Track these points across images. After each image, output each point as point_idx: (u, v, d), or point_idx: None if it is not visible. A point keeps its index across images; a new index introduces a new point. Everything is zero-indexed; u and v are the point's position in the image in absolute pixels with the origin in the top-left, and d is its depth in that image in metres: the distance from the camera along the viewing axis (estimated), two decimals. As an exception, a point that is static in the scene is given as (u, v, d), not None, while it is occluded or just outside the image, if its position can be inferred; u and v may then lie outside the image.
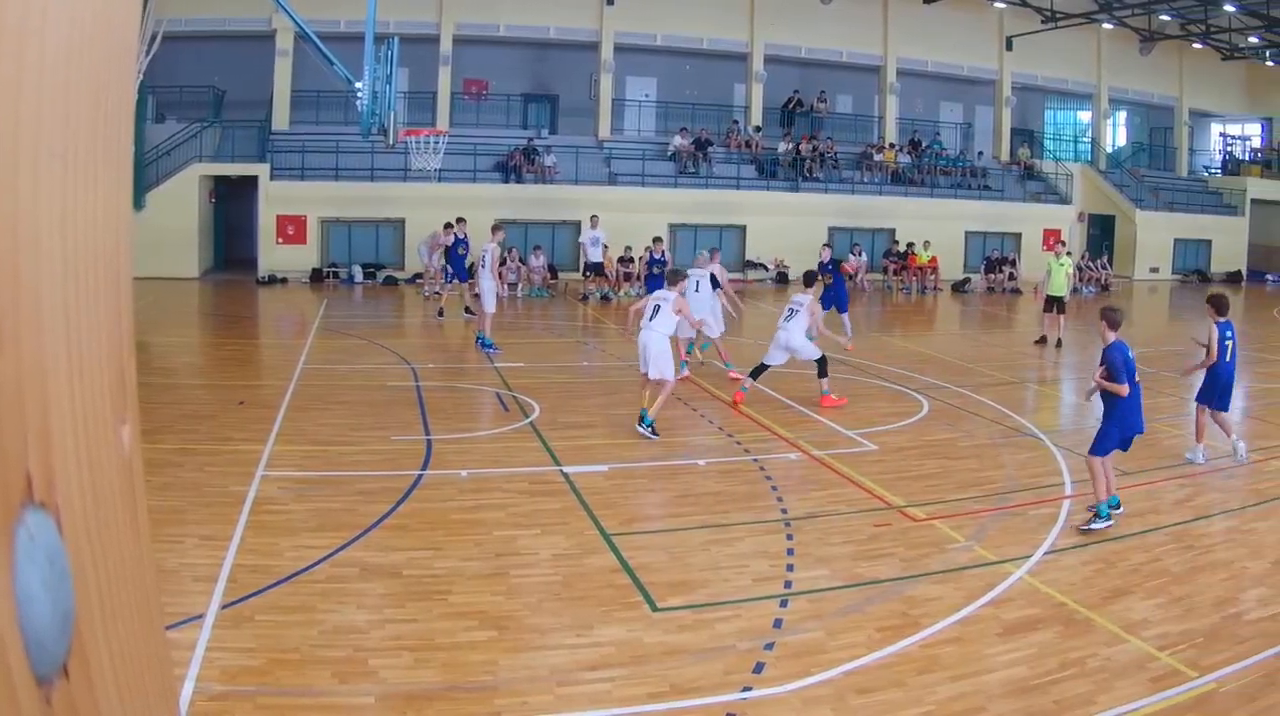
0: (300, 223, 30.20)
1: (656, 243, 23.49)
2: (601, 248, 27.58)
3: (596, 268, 27.82)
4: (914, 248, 33.29)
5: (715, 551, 8.35)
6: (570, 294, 28.80)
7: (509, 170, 32.27)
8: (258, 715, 5.55)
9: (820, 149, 35.83)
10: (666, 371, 11.97)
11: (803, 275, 15.07)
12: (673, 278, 12.89)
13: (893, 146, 37.29)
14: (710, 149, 34.87)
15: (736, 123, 36.62)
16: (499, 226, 19.25)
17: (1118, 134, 45.02)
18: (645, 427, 11.88)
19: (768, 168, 35.22)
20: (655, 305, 12.23)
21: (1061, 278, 20.52)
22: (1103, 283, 34.27)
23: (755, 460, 11.18)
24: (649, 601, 7.25)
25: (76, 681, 0.84)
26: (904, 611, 7.23)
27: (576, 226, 31.36)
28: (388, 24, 27.96)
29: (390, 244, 31.15)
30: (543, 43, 35.50)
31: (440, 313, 22.67)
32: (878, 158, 36.58)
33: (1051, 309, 20.53)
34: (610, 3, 34.76)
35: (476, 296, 18.90)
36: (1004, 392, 15.46)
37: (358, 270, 30.29)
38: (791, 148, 35.52)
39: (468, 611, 6.97)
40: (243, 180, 30.56)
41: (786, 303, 14.35)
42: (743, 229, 33.78)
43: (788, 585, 7.66)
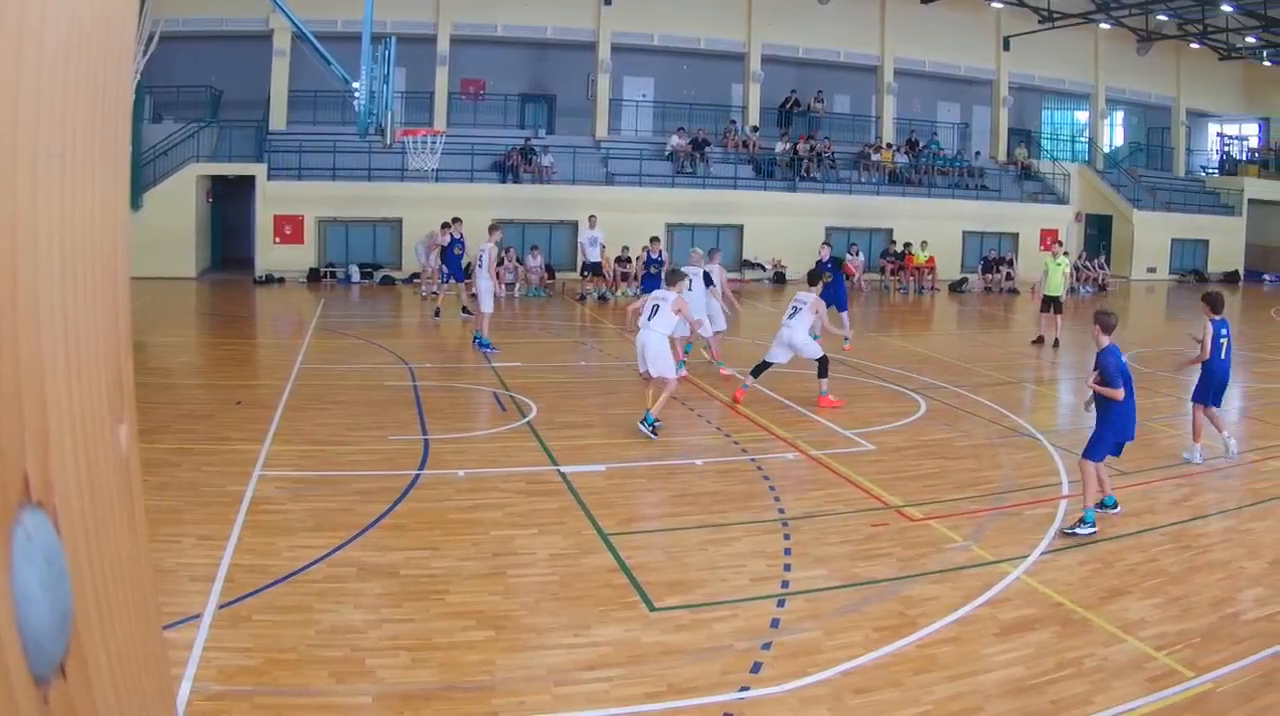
0: (297, 222, 30.18)
1: (654, 242, 23.50)
2: (600, 248, 27.58)
3: (595, 268, 27.81)
4: (911, 248, 33.30)
5: (713, 551, 8.35)
6: (568, 294, 28.80)
7: (506, 170, 32.26)
8: (255, 715, 5.54)
9: (817, 149, 35.84)
10: (666, 370, 11.96)
11: (807, 274, 15.07)
12: (672, 277, 12.85)
13: (890, 146, 37.31)
14: (707, 149, 34.88)
15: (734, 123, 36.62)
16: (496, 226, 19.24)
17: (1115, 134, 45.06)
18: (647, 427, 11.85)
19: (765, 168, 35.23)
20: (654, 305, 12.19)
21: (1058, 277, 20.55)
22: (1100, 283, 34.28)
23: (753, 460, 11.18)
24: (646, 601, 7.25)
25: (74, 681, 0.84)
26: (901, 611, 7.23)
27: (574, 226, 31.38)
28: (385, 24, 27.97)
29: (387, 244, 31.14)
30: (540, 43, 35.49)
31: (437, 312, 22.66)
32: (875, 158, 36.59)
33: (1049, 309, 20.54)
34: (608, 3, 34.76)
35: (474, 296, 18.90)
36: (1001, 392, 15.47)
37: (355, 270, 30.29)
38: (789, 148, 35.54)
39: (465, 611, 6.96)
40: (240, 180, 30.54)
41: (789, 301, 14.34)
42: (740, 229, 33.80)
43: (785, 585, 7.66)
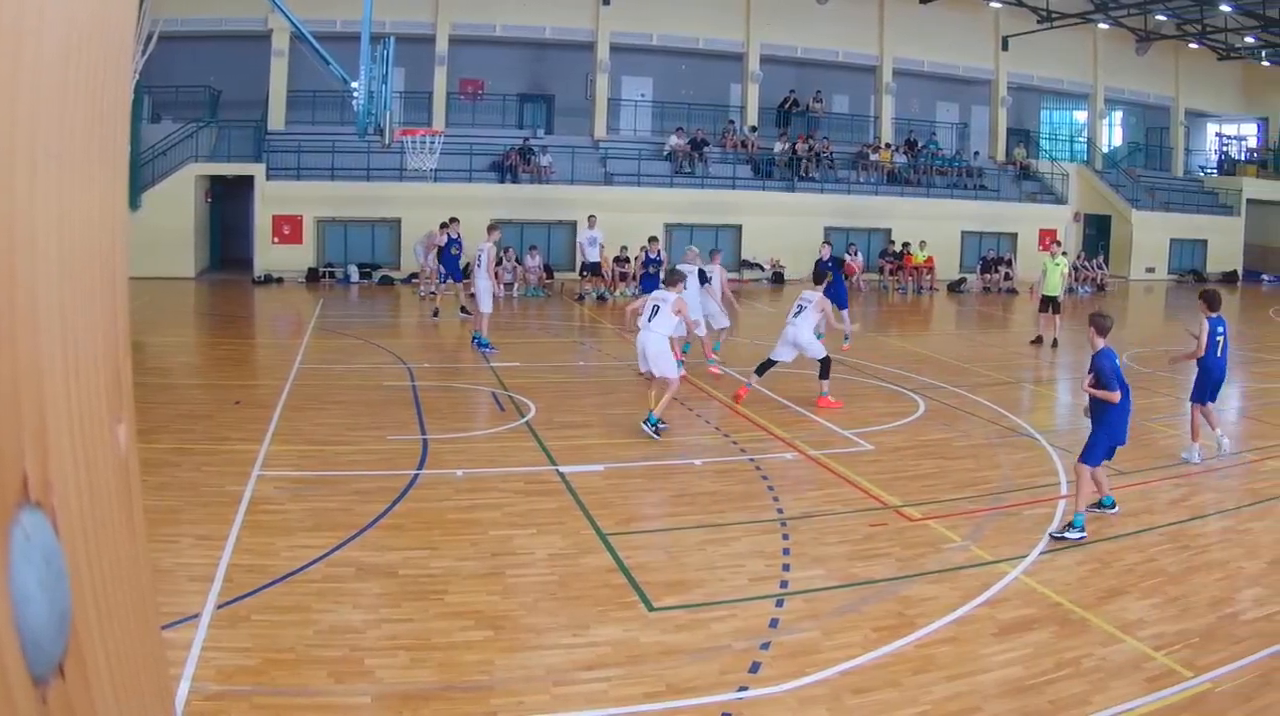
0: (296, 222, 30.17)
1: (652, 242, 23.47)
2: (599, 248, 27.56)
3: (594, 268, 27.80)
4: (910, 247, 33.31)
5: (711, 551, 8.35)
6: (566, 294, 28.80)
7: (505, 170, 32.26)
8: (253, 715, 5.54)
9: (816, 149, 35.84)
10: (667, 371, 11.94)
11: (813, 273, 15.08)
12: (671, 278, 12.81)
13: (889, 146, 37.31)
14: (706, 149, 34.87)
15: (732, 123, 36.62)
16: (494, 226, 19.23)
17: (1114, 134, 45.08)
18: (650, 427, 11.80)
19: (763, 167, 35.22)
20: (654, 306, 12.15)
21: (1057, 277, 20.56)
22: (1098, 283, 34.29)
23: (751, 460, 11.19)
24: (645, 601, 7.25)
25: (73, 681, 0.84)
26: (900, 611, 7.23)
27: (572, 226, 31.37)
28: (384, 24, 27.96)
29: (386, 244, 31.13)
30: (539, 43, 35.49)
31: (436, 313, 22.65)
32: (874, 157, 36.59)
33: (1047, 309, 20.55)
34: (606, 3, 34.75)
35: (472, 296, 18.89)
36: (1000, 392, 15.48)
37: (354, 270, 30.27)
38: (787, 147, 35.53)
39: (464, 611, 6.96)
40: (238, 180, 30.52)
41: (793, 300, 14.35)
42: (738, 229, 33.79)
43: (783, 585, 7.66)
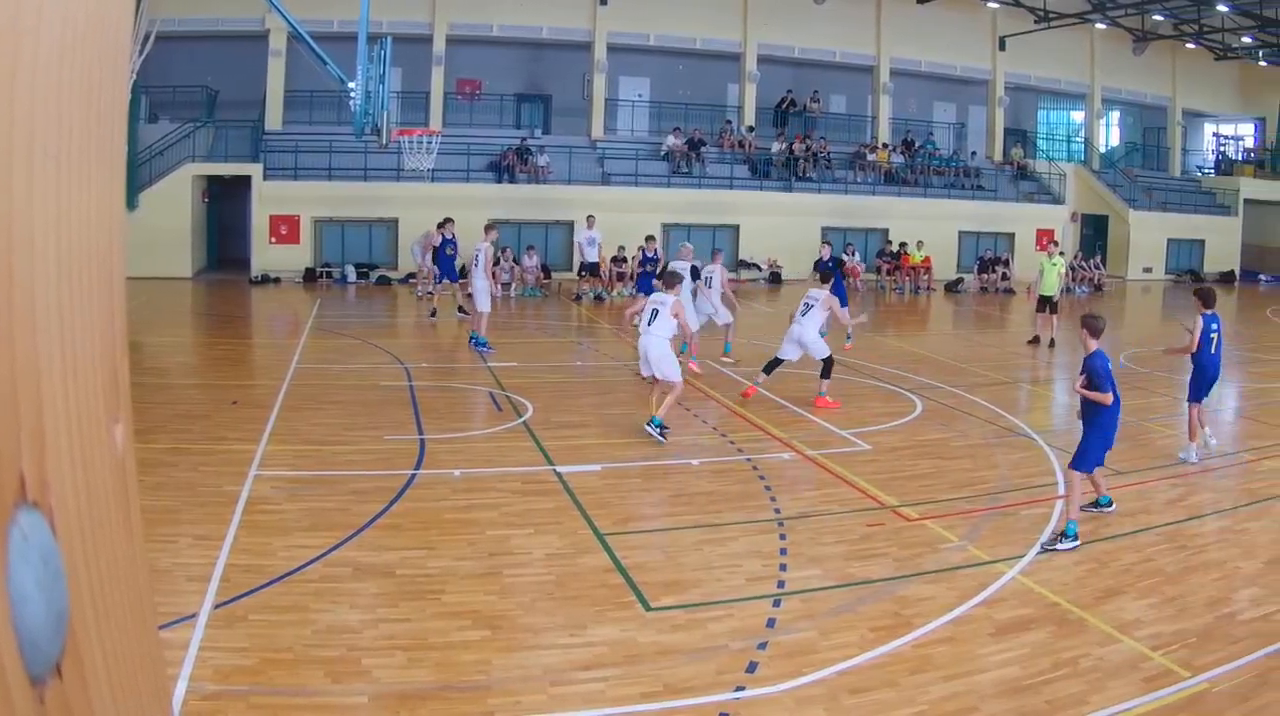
0: (293, 222, 30.15)
1: (649, 241, 23.46)
2: (598, 248, 27.54)
3: (592, 268, 27.79)
4: (907, 247, 33.34)
5: (708, 551, 8.35)
6: (564, 294, 28.79)
7: (502, 170, 32.24)
8: (251, 715, 5.54)
9: (813, 149, 35.85)
10: (670, 373, 11.89)
11: (820, 272, 15.10)
12: (670, 280, 12.78)
13: (886, 146, 37.32)
14: (703, 149, 34.88)
15: (730, 123, 36.62)
16: (492, 226, 19.23)
17: (1111, 134, 45.10)
18: (654, 429, 11.70)
19: (761, 168, 35.22)
20: (653, 309, 12.09)
21: (1054, 277, 20.56)
22: (1096, 283, 34.30)
23: (749, 460, 11.19)
24: (642, 601, 7.25)
25: (70, 681, 0.84)
26: (897, 611, 7.23)
27: (570, 226, 31.37)
28: (381, 24, 27.92)
29: (383, 244, 31.12)
30: (536, 43, 35.49)
31: (433, 313, 22.64)
32: (871, 158, 36.61)
33: (1044, 309, 20.57)
34: (603, 3, 34.75)
35: (469, 296, 18.89)
36: (997, 393, 15.49)
37: (351, 270, 30.24)
38: (785, 148, 35.54)
39: (461, 611, 6.96)
40: (236, 180, 30.49)
41: (799, 298, 14.38)
42: (736, 229, 33.79)
43: (781, 585, 7.67)
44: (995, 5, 38.06)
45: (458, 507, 9.24)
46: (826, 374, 13.98)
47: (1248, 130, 46.81)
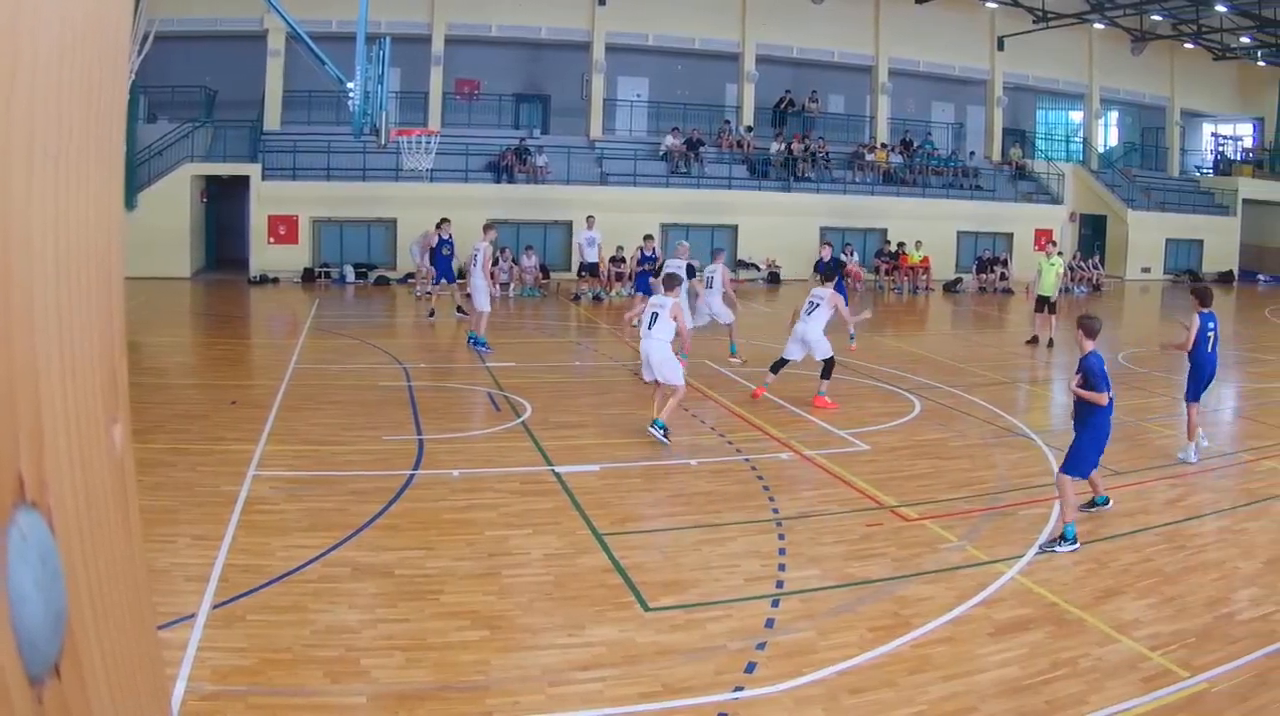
0: (292, 222, 30.14)
1: (647, 240, 23.48)
2: (597, 248, 27.53)
3: (592, 268, 27.77)
4: (905, 248, 33.35)
5: (707, 551, 8.35)
6: (562, 294, 28.79)
7: (501, 170, 32.24)
8: (249, 715, 5.54)
9: (812, 149, 35.85)
10: (673, 377, 11.78)
11: (824, 271, 15.08)
12: (669, 282, 12.59)
13: (884, 146, 37.33)
14: (702, 149, 34.88)
15: (728, 123, 36.62)
16: (490, 226, 19.22)
17: (1109, 134, 45.10)
18: (658, 431, 11.60)
19: (759, 168, 35.23)
20: (653, 313, 11.97)
21: (1052, 277, 20.55)
22: (1094, 283, 34.31)
23: (747, 460, 11.19)
24: (641, 601, 7.25)
25: (69, 681, 0.84)
26: (896, 611, 7.24)
27: (568, 226, 31.37)
28: (379, 24, 27.93)
29: (382, 244, 31.11)
30: (535, 43, 35.48)
31: (432, 313, 22.63)
32: (869, 158, 36.61)
33: (1043, 309, 20.57)
34: (602, 3, 34.75)
35: (468, 296, 18.89)
36: (996, 393, 15.49)
37: (349, 270, 30.23)
38: (783, 148, 35.54)
39: (459, 611, 6.96)
40: (234, 180, 30.48)
41: (804, 298, 14.37)
42: (734, 229, 33.79)
43: (779, 585, 7.67)
44: (994, 5, 38.07)
45: (456, 508, 9.24)
46: (826, 374, 13.99)
47: (1246, 130, 46.83)
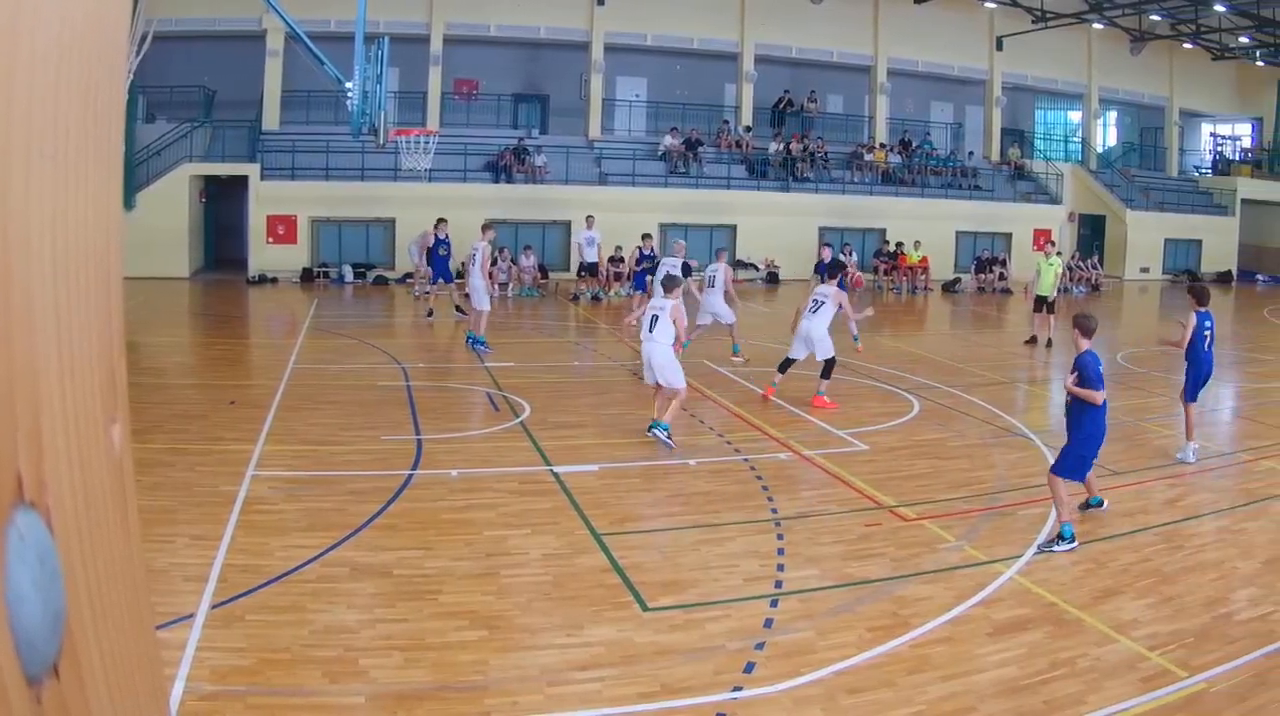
0: (290, 222, 30.12)
1: (645, 239, 23.49)
2: (597, 248, 27.53)
3: (591, 268, 27.77)
4: (904, 247, 33.34)
5: (706, 551, 8.35)
6: (561, 294, 28.78)
7: (499, 170, 32.23)
8: (248, 715, 5.54)
9: (811, 149, 35.85)
10: (674, 380, 11.66)
11: (828, 269, 15.07)
12: (668, 284, 12.39)
13: (883, 146, 37.34)
14: (701, 149, 34.88)
15: (727, 123, 36.63)
16: (489, 225, 19.22)
17: (1108, 134, 45.12)
18: (663, 432, 11.52)
19: (758, 167, 35.23)
20: (653, 315, 11.84)
21: (1051, 278, 20.55)
22: (1093, 283, 34.33)
23: (746, 460, 11.19)
24: (639, 601, 7.25)
25: (67, 681, 0.84)
26: (894, 611, 7.24)
27: (567, 226, 31.37)
28: (378, 24, 27.93)
29: (380, 244, 31.10)
30: (533, 43, 35.48)
31: (430, 313, 22.62)
32: (868, 157, 36.62)
33: (1041, 309, 20.57)
34: (601, 3, 34.75)
35: (466, 296, 18.89)
36: (994, 392, 15.50)
37: (348, 270, 30.22)
38: (782, 147, 35.54)
39: (458, 611, 6.96)
40: (233, 180, 30.47)
41: (808, 297, 14.37)
42: (733, 229, 33.77)
43: (778, 585, 7.67)
44: (993, 5, 38.08)
45: (455, 508, 9.24)
46: (827, 374, 13.99)
47: (1245, 130, 46.85)
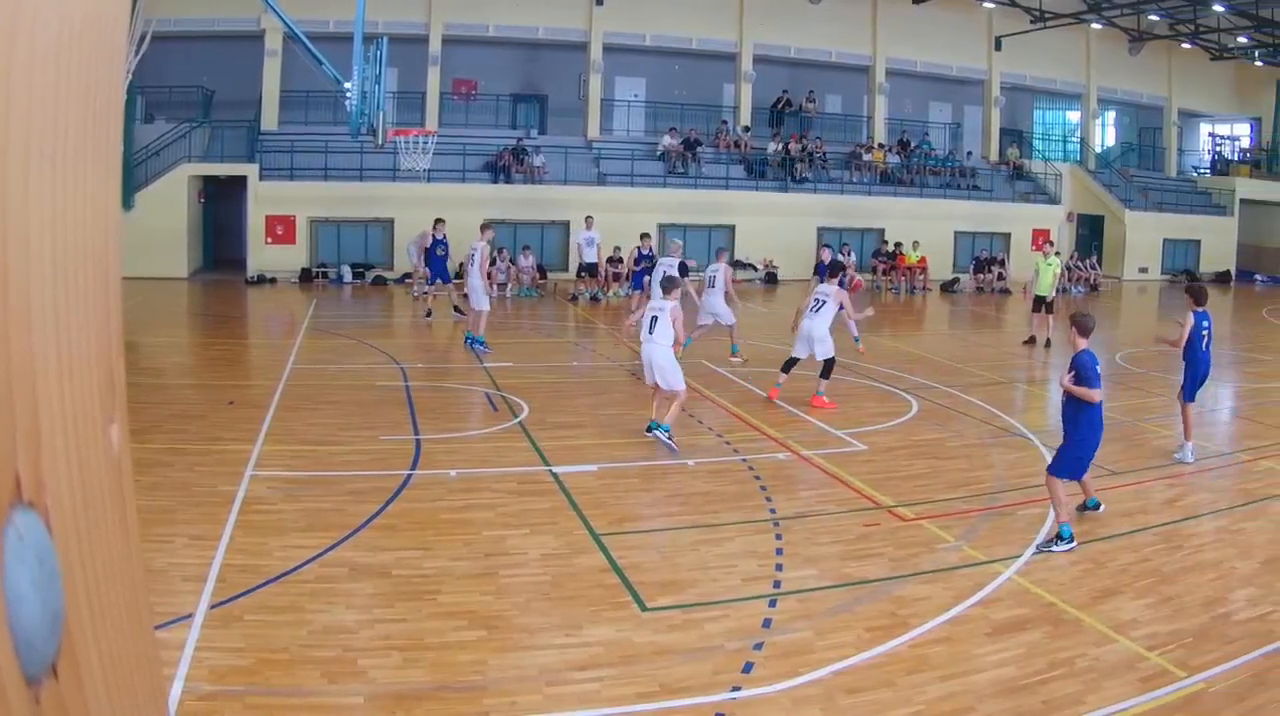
0: (289, 223, 30.11)
1: (644, 238, 23.48)
2: (596, 248, 27.52)
3: (591, 268, 27.76)
4: (903, 248, 33.35)
5: (704, 551, 8.35)
6: (559, 294, 28.78)
7: (498, 170, 32.22)
8: (247, 715, 5.53)
9: (809, 149, 35.84)
10: (674, 382, 11.60)
11: (828, 270, 15.06)
12: (668, 285, 12.33)
13: (882, 146, 37.33)
14: (699, 149, 34.87)
15: (725, 123, 36.62)
16: (488, 225, 19.20)
17: (1106, 134, 45.12)
18: (664, 434, 11.48)
19: (757, 168, 35.23)
20: (653, 317, 11.79)
21: (1050, 278, 20.55)
22: (1092, 283, 34.34)
23: (744, 460, 11.19)
24: (638, 601, 7.25)
25: (66, 681, 0.84)
26: (893, 611, 7.24)
27: (565, 226, 31.36)
28: (377, 24, 27.90)
29: (379, 244, 31.09)
30: (532, 43, 35.47)
31: (428, 313, 22.62)
32: (867, 158, 36.61)
33: (1040, 309, 20.57)
34: (599, 3, 34.74)
35: (465, 296, 18.89)
36: (993, 392, 15.50)
37: (347, 270, 30.21)
38: (780, 148, 35.54)
39: (457, 611, 6.96)
40: (232, 180, 30.45)
41: (809, 296, 14.37)
42: (731, 229, 33.75)
43: (777, 585, 7.67)
44: (991, 5, 38.07)
45: (454, 508, 9.24)
46: (826, 374, 13.99)
47: (1243, 130, 46.86)
